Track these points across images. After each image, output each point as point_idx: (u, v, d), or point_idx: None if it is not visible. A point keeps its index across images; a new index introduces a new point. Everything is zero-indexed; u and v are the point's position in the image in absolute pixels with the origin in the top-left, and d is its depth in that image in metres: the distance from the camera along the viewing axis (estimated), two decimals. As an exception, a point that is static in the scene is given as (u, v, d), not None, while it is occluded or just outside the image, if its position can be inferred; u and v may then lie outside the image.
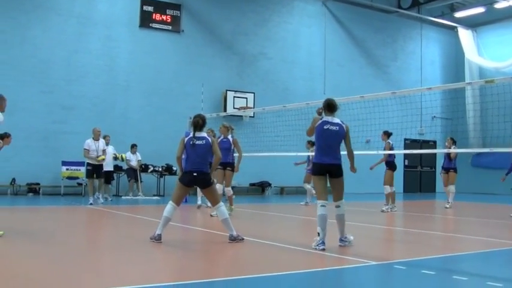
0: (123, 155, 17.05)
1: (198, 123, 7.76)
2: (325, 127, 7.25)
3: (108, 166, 15.97)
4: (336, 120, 7.35)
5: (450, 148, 14.71)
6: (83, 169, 17.24)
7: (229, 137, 11.66)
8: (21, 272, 5.44)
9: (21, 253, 6.62)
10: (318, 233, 7.04)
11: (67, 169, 17.15)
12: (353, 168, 7.53)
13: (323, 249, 6.91)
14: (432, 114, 24.06)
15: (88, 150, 14.19)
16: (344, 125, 7.38)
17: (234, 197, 11.94)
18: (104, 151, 14.52)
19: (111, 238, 8.62)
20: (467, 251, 7.88)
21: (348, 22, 24.12)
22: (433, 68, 26.70)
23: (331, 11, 23.57)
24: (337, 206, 7.23)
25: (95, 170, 14.32)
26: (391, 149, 13.51)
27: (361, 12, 24.42)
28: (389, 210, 13.45)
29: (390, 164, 13.65)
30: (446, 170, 15.18)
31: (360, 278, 5.88)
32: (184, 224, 10.13)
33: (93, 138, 14.35)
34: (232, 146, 11.61)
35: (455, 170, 15.06)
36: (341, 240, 7.37)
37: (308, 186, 15.27)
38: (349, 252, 7.05)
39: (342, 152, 7.37)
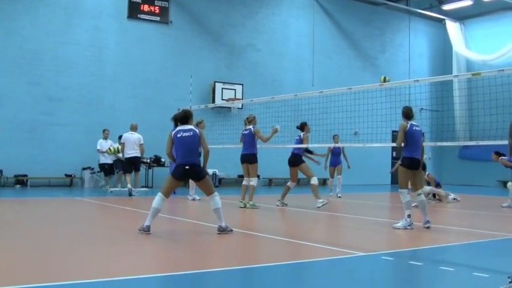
0: (115, 147, 16.13)
1: (175, 117, 7.92)
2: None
3: (109, 159, 16.67)
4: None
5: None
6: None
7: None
8: (3, 265, 5.43)
9: (6, 245, 6.61)
10: (409, 215, 8.55)
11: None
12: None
13: (412, 228, 8.52)
14: (420, 107, 24.17)
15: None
16: None
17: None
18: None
19: (99, 229, 8.60)
20: (455, 242, 7.94)
21: (336, 14, 24.14)
22: (421, 61, 26.79)
23: (319, 3, 23.55)
24: (418, 194, 8.87)
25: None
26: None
27: (350, 4, 24.45)
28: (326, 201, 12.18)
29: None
30: None
31: (348, 268, 5.91)
32: (174, 215, 10.13)
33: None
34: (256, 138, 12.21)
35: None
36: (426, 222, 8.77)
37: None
38: (339, 243, 7.11)
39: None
